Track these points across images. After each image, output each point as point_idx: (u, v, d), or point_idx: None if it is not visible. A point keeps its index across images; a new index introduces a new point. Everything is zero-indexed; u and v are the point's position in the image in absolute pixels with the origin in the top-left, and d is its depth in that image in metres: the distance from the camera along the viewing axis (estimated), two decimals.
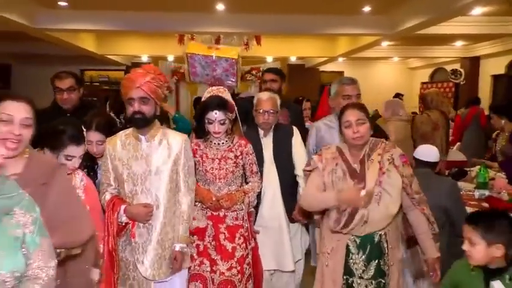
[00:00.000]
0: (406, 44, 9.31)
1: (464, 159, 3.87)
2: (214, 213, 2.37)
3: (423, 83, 11.64)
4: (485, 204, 2.85)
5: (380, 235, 1.99)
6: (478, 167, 3.22)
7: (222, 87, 2.55)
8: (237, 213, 2.39)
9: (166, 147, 2.16)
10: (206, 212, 2.38)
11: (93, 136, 2.24)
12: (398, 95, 9.28)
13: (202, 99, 2.47)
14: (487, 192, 3.00)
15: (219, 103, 2.32)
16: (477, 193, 3.01)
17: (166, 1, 5.68)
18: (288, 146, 2.69)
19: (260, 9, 6.11)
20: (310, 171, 2.18)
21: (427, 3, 5.40)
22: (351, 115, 2.04)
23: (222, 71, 2.75)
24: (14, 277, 1.21)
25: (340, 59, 10.63)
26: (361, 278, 2.00)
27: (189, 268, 2.33)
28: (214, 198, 2.32)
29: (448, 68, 10.04)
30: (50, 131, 1.92)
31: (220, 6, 5.97)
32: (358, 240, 1.99)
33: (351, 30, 6.70)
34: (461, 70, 9.44)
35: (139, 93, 2.06)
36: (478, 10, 5.63)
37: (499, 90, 9.14)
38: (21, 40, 7.75)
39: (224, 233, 2.36)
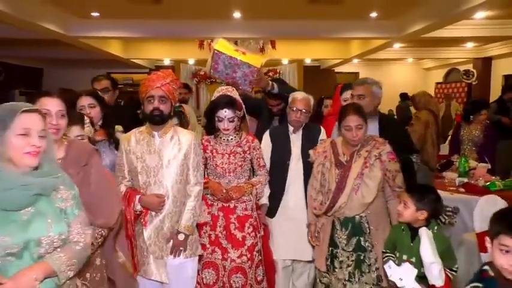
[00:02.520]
0: (419, 45, 9.47)
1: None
2: (225, 205, 2.51)
3: (437, 83, 11.82)
4: (462, 190, 3.22)
5: (360, 217, 2.33)
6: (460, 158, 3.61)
7: (230, 86, 2.66)
8: (246, 204, 2.53)
9: (177, 143, 2.31)
10: (217, 204, 2.52)
11: (84, 100, 2.51)
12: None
13: (212, 98, 2.60)
14: (465, 180, 3.36)
15: (227, 102, 2.46)
16: (457, 180, 3.38)
17: (187, 10, 6.11)
18: (315, 144, 2.74)
19: (274, 16, 6.47)
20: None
21: (431, 8, 5.67)
22: (352, 121, 2.29)
23: (241, 75, 2.83)
24: (60, 239, 1.44)
25: (355, 60, 10.86)
26: (343, 250, 2.35)
27: (202, 256, 2.47)
28: (224, 190, 2.46)
29: (462, 68, 10.14)
30: None
31: (237, 14, 6.39)
32: (341, 219, 2.36)
33: (360, 34, 7.02)
34: (474, 70, 9.59)
35: (159, 92, 2.24)
36: (481, 14, 5.85)
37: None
38: (53, 46, 8.24)
39: (234, 223, 2.49)
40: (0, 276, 1.30)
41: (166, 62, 10.59)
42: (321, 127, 2.90)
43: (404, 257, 2.01)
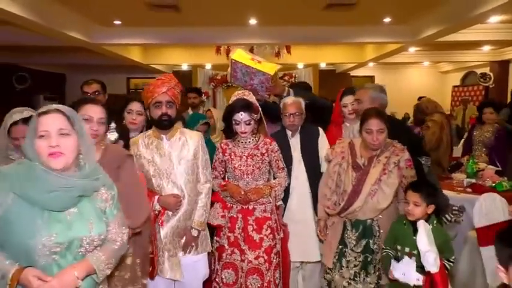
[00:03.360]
0: (435, 49, 9.45)
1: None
2: (244, 207, 2.54)
3: (454, 87, 11.74)
4: (469, 190, 3.31)
5: (372, 220, 2.36)
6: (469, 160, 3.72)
7: (246, 90, 2.73)
8: (265, 206, 2.55)
9: (186, 144, 2.38)
10: (237, 206, 2.55)
11: (135, 105, 2.58)
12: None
13: (229, 102, 2.66)
14: (473, 180, 3.46)
15: (243, 105, 2.50)
16: (465, 181, 3.47)
17: (205, 17, 6.31)
18: (315, 145, 2.83)
19: (289, 22, 6.61)
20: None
21: (443, 13, 5.73)
22: (374, 124, 2.30)
23: (258, 83, 2.97)
24: (99, 239, 1.50)
25: (371, 64, 10.90)
26: (352, 250, 2.39)
27: (222, 257, 2.55)
28: (242, 192, 2.51)
29: (479, 71, 10.03)
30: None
31: (252, 21, 6.56)
32: (353, 220, 2.39)
33: (374, 39, 7.11)
34: (490, 74, 9.53)
35: (166, 97, 2.31)
36: (495, 18, 5.87)
37: None
38: (75, 52, 8.59)
39: (252, 225, 2.53)
40: (45, 274, 1.36)
41: (184, 67, 10.77)
42: (319, 127, 2.93)
43: (407, 249, 2.11)
